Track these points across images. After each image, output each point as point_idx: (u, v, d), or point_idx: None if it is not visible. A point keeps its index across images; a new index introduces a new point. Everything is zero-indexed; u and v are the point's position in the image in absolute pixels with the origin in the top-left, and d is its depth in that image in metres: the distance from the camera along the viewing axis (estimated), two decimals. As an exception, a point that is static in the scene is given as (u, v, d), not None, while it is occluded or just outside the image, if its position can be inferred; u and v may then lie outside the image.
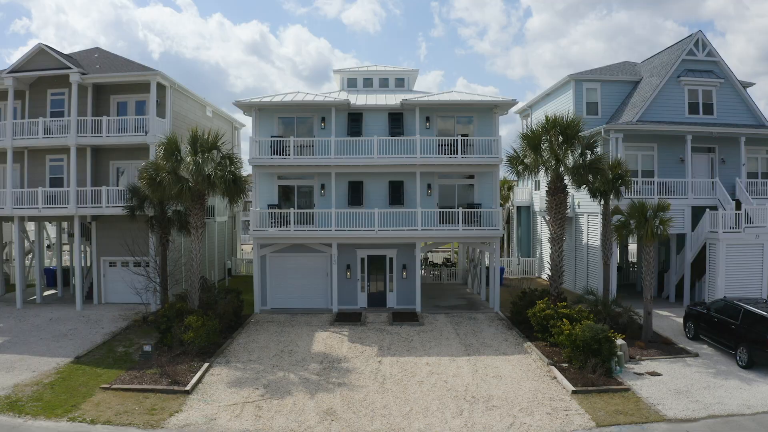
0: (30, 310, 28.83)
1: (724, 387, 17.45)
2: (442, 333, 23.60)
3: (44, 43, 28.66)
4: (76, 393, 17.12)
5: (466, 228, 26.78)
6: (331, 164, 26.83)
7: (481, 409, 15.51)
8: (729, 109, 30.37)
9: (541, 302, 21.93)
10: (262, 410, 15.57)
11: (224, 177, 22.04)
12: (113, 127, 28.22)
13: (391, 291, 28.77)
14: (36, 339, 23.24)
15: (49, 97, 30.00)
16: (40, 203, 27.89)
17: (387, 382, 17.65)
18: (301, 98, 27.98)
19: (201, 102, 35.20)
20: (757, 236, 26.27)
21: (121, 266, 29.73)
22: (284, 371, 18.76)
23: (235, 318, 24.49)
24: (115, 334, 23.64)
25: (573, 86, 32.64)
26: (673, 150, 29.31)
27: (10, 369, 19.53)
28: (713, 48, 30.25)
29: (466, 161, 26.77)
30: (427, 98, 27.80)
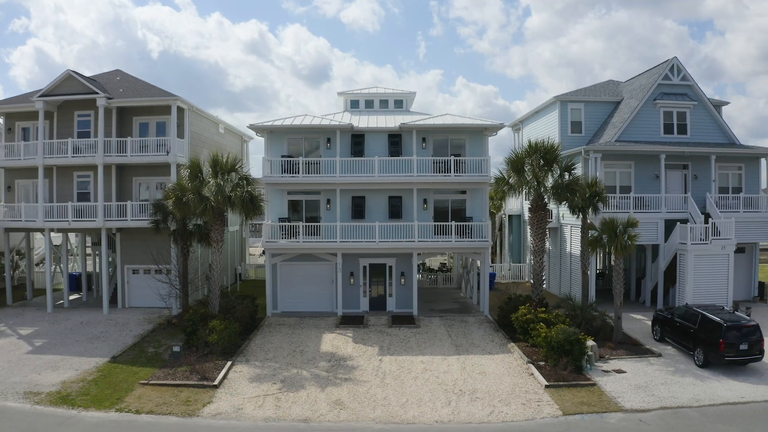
0: (60, 314, 31.55)
1: (680, 383, 20.16)
2: (435, 335, 26.34)
3: (72, 70, 31.39)
4: (118, 388, 19.85)
5: (458, 239, 29.53)
6: (336, 182, 29.58)
7: (466, 400, 18.25)
8: (702, 129, 33.07)
9: (523, 308, 24.67)
10: (281, 401, 18.31)
11: (242, 196, 24.74)
12: (137, 146, 30.94)
13: (390, 296, 31.49)
14: (72, 341, 25.96)
15: (76, 118, 32.73)
16: (70, 216, 30.61)
17: (387, 378, 20.41)
18: (309, 122, 30.68)
19: (214, 120, 37.90)
20: (723, 247, 28.99)
21: (143, 273, 32.48)
22: (297, 368, 21.52)
23: (251, 321, 27.22)
24: (143, 336, 26.36)
25: (558, 106, 35.37)
26: (649, 167, 32.01)
27: (55, 368, 22.24)
28: (687, 73, 32.94)
29: (459, 179, 29.52)
30: (423, 122, 30.51)
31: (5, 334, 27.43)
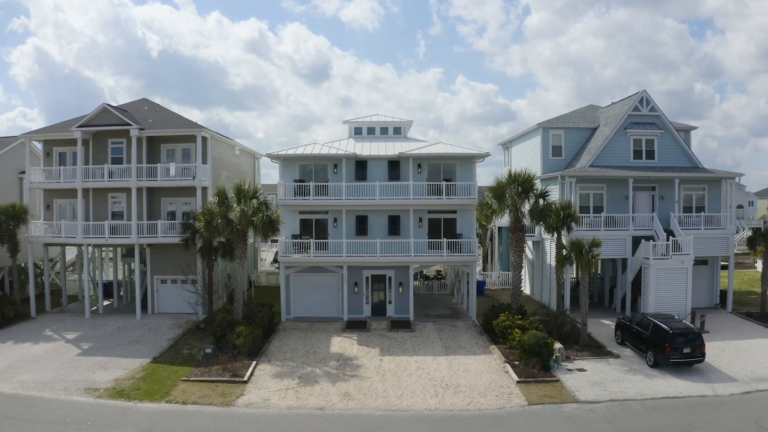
0: (97, 319, 35.66)
1: (630, 380, 24.21)
2: (428, 338, 30.44)
3: (107, 104, 35.48)
4: (164, 384, 23.95)
5: (449, 254, 33.63)
6: (343, 204, 33.68)
7: (451, 393, 22.34)
8: (668, 155, 37.12)
9: (503, 315, 28.75)
10: (300, 394, 22.41)
11: (263, 220, 28.81)
12: (165, 172, 35.02)
13: (390, 303, 35.57)
14: (115, 344, 30.07)
15: (110, 145, 36.82)
16: (106, 233, 34.72)
17: (386, 375, 24.52)
18: (318, 150, 34.78)
19: (231, 144, 41.99)
20: (682, 262, 33.02)
21: (171, 283, 36.60)
22: (311, 367, 25.63)
23: (269, 326, 31.34)
24: (177, 340, 30.46)
25: (541, 132, 39.43)
26: (620, 189, 36.04)
27: (106, 368, 26.33)
28: (656, 104, 36.96)
29: (449, 201, 33.62)
30: (419, 151, 34.59)
31: (53, 339, 31.53)
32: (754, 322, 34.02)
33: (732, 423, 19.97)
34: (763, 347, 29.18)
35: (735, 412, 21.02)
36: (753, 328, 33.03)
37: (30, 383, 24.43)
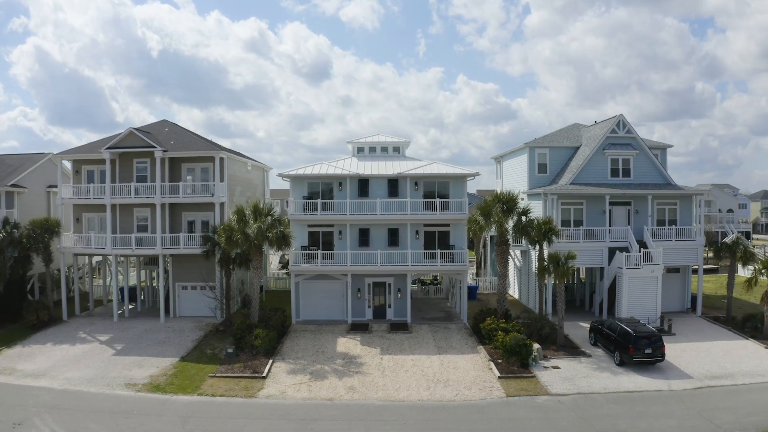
0: (124, 322, 39.39)
1: (597, 377, 27.90)
2: (423, 339, 34.19)
3: (134, 128, 39.22)
4: (194, 379, 27.68)
5: (443, 264, 37.38)
6: (347, 218, 37.42)
7: (441, 387, 26.09)
8: (643, 173, 40.80)
9: (489, 319, 32.48)
10: (312, 387, 26.16)
11: (276, 235, 32.55)
12: (186, 189, 38.74)
13: (389, 307, 39.28)
14: (144, 345, 33.81)
15: (135, 165, 40.51)
16: (133, 245, 38.44)
17: (386, 371, 28.27)
18: (325, 170, 38.54)
19: (244, 161, 45.74)
20: (652, 271, 36.67)
21: (191, 289, 40.33)
22: (320, 364, 29.39)
23: (282, 328, 35.06)
24: (200, 341, 34.21)
25: (528, 151, 43.14)
26: (598, 204, 39.68)
27: (140, 366, 30.05)
28: (632, 127, 40.65)
29: (443, 216, 37.37)
30: (415, 171, 38.32)
31: (88, 340, 35.28)
32: (719, 325, 37.65)
33: (678, 413, 23.64)
34: (723, 348, 32.81)
35: (683, 404, 24.69)
36: (717, 330, 36.67)
37: (76, 380, 28.16)
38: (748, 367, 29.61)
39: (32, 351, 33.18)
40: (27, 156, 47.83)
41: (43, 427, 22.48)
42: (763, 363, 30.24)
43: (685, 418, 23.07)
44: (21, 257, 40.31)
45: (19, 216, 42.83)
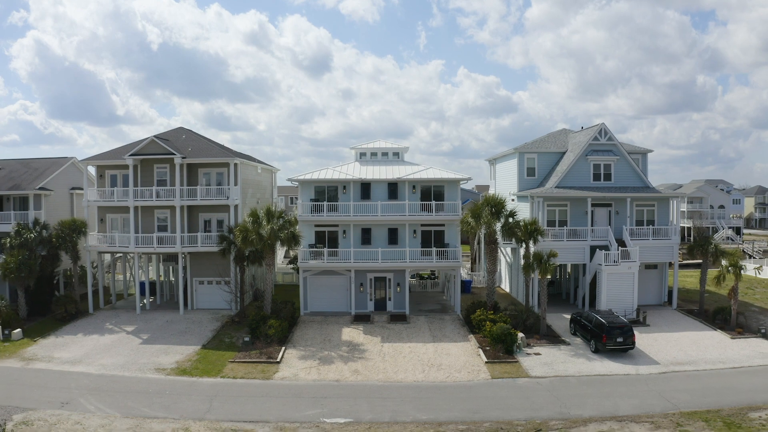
0: (146, 314, 42.95)
1: (574, 362, 31.42)
2: (420, 329, 37.76)
3: (155, 136, 42.66)
4: (215, 364, 31.26)
5: (438, 260, 40.89)
6: (350, 219, 40.91)
7: (434, 370, 29.66)
8: (623, 177, 44.19)
9: (479, 311, 36.02)
10: (320, 370, 29.74)
11: (287, 235, 36.05)
12: (203, 192, 42.20)
13: (389, 300, 42.80)
14: (168, 335, 37.37)
15: (156, 170, 43.92)
16: (154, 244, 41.94)
17: (386, 357, 31.84)
18: (331, 175, 42.01)
19: (254, 165, 49.19)
20: (629, 267, 40.12)
21: (207, 284, 43.89)
22: (328, 351, 32.97)
23: (292, 318, 38.61)
24: (217, 331, 37.78)
25: (517, 156, 46.55)
26: (581, 206, 43.09)
27: (166, 353, 33.60)
28: (612, 135, 44.00)
29: (438, 217, 40.85)
30: (413, 176, 41.79)
31: (115, 331, 38.84)
32: (691, 318, 41.13)
33: (641, 393, 27.14)
34: (691, 338, 36.29)
35: (646, 386, 28.19)
36: (689, 322, 40.16)
37: (110, 365, 31.73)
38: (712, 355, 33.05)
39: (65, 341, 36.71)
40: (52, 160, 51.29)
41: (89, 405, 26.02)
42: (727, 352, 33.67)
43: (646, 398, 26.58)
44: (50, 255, 43.84)
45: (45, 216, 46.34)
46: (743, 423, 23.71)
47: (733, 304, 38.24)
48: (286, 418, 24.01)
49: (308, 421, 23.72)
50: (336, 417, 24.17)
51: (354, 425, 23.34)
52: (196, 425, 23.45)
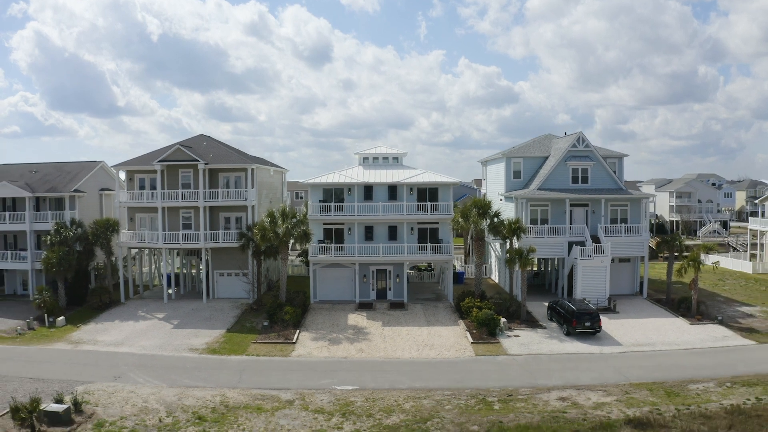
0: (173, 303, 48.23)
1: (547, 343, 36.64)
2: (416, 315, 43.04)
3: (180, 144, 47.77)
4: (240, 345, 36.55)
5: (432, 254, 46.12)
6: (355, 218, 46.11)
7: (427, 349, 34.95)
8: (599, 180, 49.24)
9: (468, 299, 41.26)
10: (330, 349, 35.04)
11: (300, 233, 41.27)
12: (224, 195, 47.37)
13: (389, 289, 48.05)
14: (196, 320, 42.65)
15: (180, 174, 49.07)
16: (180, 240, 47.19)
17: (386, 338, 37.13)
18: (337, 179, 47.19)
19: (267, 168, 54.33)
20: (602, 261, 45.25)
21: (227, 276, 49.17)
22: (336, 333, 38.27)
23: (303, 306, 43.88)
24: (238, 317, 43.07)
25: (505, 160, 51.65)
26: (561, 206, 48.14)
27: (196, 336, 38.86)
28: (589, 142, 49.00)
29: (433, 216, 46.05)
30: (410, 179, 46.94)
31: (147, 318, 44.10)
32: (658, 306, 46.24)
33: (600, 368, 32.29)
34: (655, 324, 41.38)
35: (606, 362, 33.39)
36: (655, 310, 45.30)
37: (149, 347, 37.01)
38: (670, 338, 38.16)
39: (105, 327, 42.00)
40: (83, 164, 56.42)
41: (138, 378, 31.30)
42: (684, 336, 38.79)
43: (604, 372, 31.75)
44: (85, 251, 49.04)
45: (79, 215, 51.46)
46: (681, 392, 28.84)
47: (693, 294, 43.29)
48: (304, 386, 29.29)
49: (322, 388, 29.01)
50: (345, 385, 29.45)
51: (359, 391, 28.61)
52: (230, 392, 28.71)
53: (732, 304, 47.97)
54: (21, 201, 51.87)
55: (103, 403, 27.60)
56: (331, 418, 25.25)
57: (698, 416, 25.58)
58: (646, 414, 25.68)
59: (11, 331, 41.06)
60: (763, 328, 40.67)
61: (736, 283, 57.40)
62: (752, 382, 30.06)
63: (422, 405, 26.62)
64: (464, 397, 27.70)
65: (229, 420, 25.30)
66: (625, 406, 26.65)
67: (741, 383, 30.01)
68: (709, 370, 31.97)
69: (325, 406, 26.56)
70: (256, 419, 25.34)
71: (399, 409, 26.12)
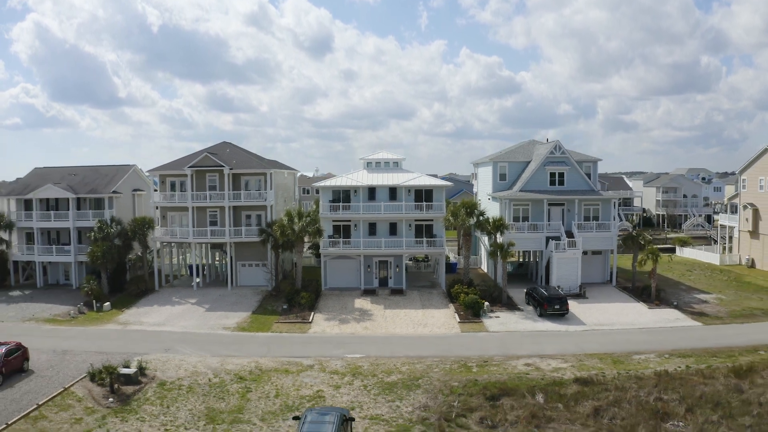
0: (201, 290, 55.39)
1: (522, 323, 43.70)
2: (413, 300, 50.21)
3: (208, 152, 54.74)
4: (265, 324, 43.72)
5: (427, 247, 53.24)
6: (360, 216, 53.17)
7: (421, 327, 42.14)
8: (574, 182, 56.14)
9: (457, 286, 48.35)
10: (341, 327, 42.25)
11: (314, 229, 48.34)
12: (246, 196, 54.42)
13: (390, 278, 55.14)
14: (224, 305, 49.80)
15: (207, 178, 56.07)
16: (208, 236, 54.30)
17: (387, 319, 44.34)
18: (345, 182, 54.22)
19: (282, 171, 61.34)
20: (574, 253, 52.23)
21: (247, 266, 56.32)
22: (345, 315, 45.47)
23: (316, 292, 51.03)
24: (260, 302, 50.23)
25: (492, 164, 58.57)
26: (540, 205, 54.99)
27: (226, 318, 45.97)
28: (565, 149, 55.86)
29: (428, 214, 53.11)
30: (408, 182, 53.92)
31: (181, 303, 51.21)
32: (624, 293, 53.14)
33: (562, 342, 39.31)
34: (618, 307, 48.29)
35: (569, 338, 40.41)
36: (621, 296, 52.26)
37: (188, 326, 44.14)
38: (628, 319, 45.03)
39: (146, 311, 49.11)
40: (117, 167, 63.45)
41: (185, 350, 38.40)
42: (641, 318, 45.66)
43: (565, 345, 38.77)
44: (124, 245, 56.10)
45: (116, 214, 58.49)
46: (625, 361, 35.78)
47: (653, 282, 50.24)
48: (321, 355, 36.43)
49: (336, 356, 36.14)
50: (354, 354, 36.57)
51: (365, 358, 35.72)
52: (262, 360, 35.84)
53: (692, 291, 54.77)
54: (63, 201, 58.84)
55: (160, 368, 34.68)
56: (344, 377, 32.42)
57: (633, 378, 32.56)
58: (591, 375, 32.70)
59: (65, 315, 48.10)
60: (712, 312, 47.40)
61: (702, 273, 64.24)
62: (687, 355, 36.87)
63: (415, 368, 33.75)
64: (449, 363, 34.81)
65: (264, 379, 32.44)
66: (576, 370, 33.67)
67: (678, 355, 36.83)
68: (655, 345, 38.77)
69: (339, 369, 33.71)
70: (285, 378, 32.48)
71: (397, 371, 33.25)
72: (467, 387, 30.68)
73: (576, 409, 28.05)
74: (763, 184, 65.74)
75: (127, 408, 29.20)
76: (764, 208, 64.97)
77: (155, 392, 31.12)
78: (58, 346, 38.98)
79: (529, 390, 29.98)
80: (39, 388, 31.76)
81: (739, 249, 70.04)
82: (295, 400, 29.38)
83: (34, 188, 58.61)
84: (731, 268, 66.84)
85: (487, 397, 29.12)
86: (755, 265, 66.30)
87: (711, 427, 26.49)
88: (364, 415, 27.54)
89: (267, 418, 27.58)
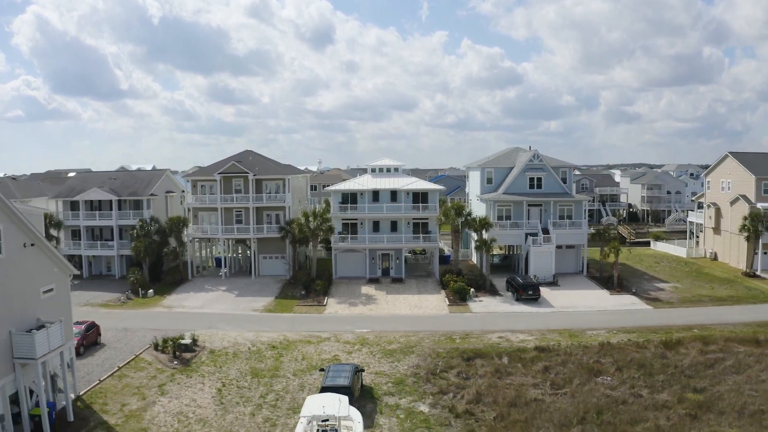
0: (229, 280, 64.44)
1: (502, 306, 52.62)
2: (411, 287, 59.23)
3: (235, 161, 63.62)
4: (287, 307, 52.78)
5: (423, 242, 62.18)
6: (366, 216, 62.12)
7: (417, 309, 51.18)
8: (550, 186, 64.87)
9: (447, 275, 57.28)
10: (350, 309, 51.32)
11: (327, 228, 57.29)
12: (267, 198, 63.34)
13: (391, 269, 64.08)
14: (251, 291, 58.83)
15: (234, 182, 64.98)
16: (235, 233, 63.30)
17: (389, 302, 53.40)
18: (352, 186, 63.10)
19: (296, 173, 70.22)
20: (549, 248, 61.02)
21: (268, 258, 65.33)
22: (353, 299, 54.53)
23: (329, 280, 60.02)
24: (281, 289, 59.27)
25: (480, 170, 67.37)
26: (521, 206, 63.68)
27: (254, 302, 54.97)
28: (543, 156, 64.56)
29: (423, 214, 62.06)
30: (407, 186, 62.77)
31: (213, 290, 60.21)
32: (592, 281, 61.83)
33: (532, 321, 48.14)
34: (584, 294, 56.98)
35: (538, 318, 49.25)
36: (589, 284, 61.04)
37: (223, 309, 53.13)
38: (590, 303, 53.82)
39: (185, 297, 58.08)
40: (152, 172, 72.55)
41: (224, 327, 47.33)
42: (602, 302, 54.38)
43: (534, 323, 47.55)
44: (161, 241, 65.02)
45: (153, 213, 67.38)
46: (580, 335, 44.59)
47: (615, 272, 58.95)
48: (335, 330, 45.43)
49: (347, 331, 45.11)
50: (362, 329, 45.53)
51: (371, 333, 44.68)
52: (289, 333, 44.84)
53: (653, 281, 63.38)
54: (106, 202, 67.65)
55: (208, 341, 43.63)
56: (355, 346, 41.44)
57: (581, 347, 41.39)
58: (549, 345, 41.58)
59: (116, 301, 56.99)
60: (665, 298, 56.03)
61: (668, 265, 72.81)
62: (631, 331, 45.55)
63: (411, 340, 42.74)
64: (438, 336, 43.77)
65: (292, 348, 41.44)
66: (538, 342, 42.54)
67: (624, 331, 45.49)
68: (607, 324, 47.43)
69: (350, 340, 42.73)
70: (308, 347, 41.51)
71: (396, 342, 42.24)
72: (450, 352, 39.68)
73: (531, 367, 37.00)
74: (725, 186, 74.10)
75: (189, 368, 38.17)
76: (725, 207, 73.32)
77: (208, 357, 40.14)
78: (118, 324, 47.64)
79: (498, 354, 38.95)
80: (114, 355, 40.51)
81: (704, 243, 78.49)
82: (318, 362, 38.40)
83: (79, 191, 67.36)
84: (696, 260, 75.00)
85: (464, 358, 38.14)
86: (717, 258, 74.52)
87: (632, 380, 35.37)
88: (371, 371, 36.54)
89: (297, 373, 36.65)
